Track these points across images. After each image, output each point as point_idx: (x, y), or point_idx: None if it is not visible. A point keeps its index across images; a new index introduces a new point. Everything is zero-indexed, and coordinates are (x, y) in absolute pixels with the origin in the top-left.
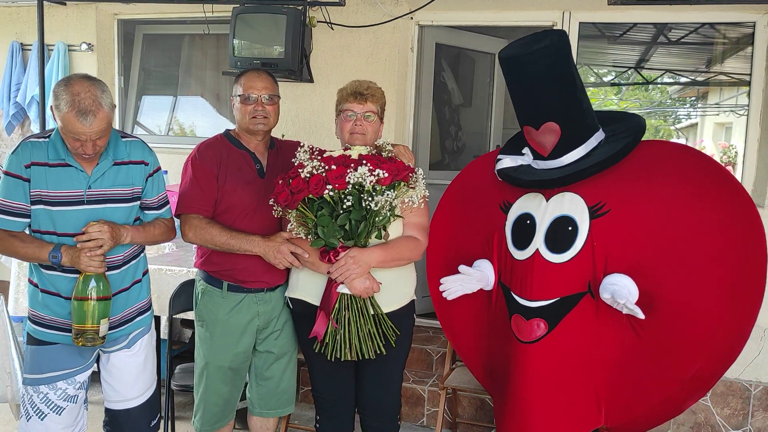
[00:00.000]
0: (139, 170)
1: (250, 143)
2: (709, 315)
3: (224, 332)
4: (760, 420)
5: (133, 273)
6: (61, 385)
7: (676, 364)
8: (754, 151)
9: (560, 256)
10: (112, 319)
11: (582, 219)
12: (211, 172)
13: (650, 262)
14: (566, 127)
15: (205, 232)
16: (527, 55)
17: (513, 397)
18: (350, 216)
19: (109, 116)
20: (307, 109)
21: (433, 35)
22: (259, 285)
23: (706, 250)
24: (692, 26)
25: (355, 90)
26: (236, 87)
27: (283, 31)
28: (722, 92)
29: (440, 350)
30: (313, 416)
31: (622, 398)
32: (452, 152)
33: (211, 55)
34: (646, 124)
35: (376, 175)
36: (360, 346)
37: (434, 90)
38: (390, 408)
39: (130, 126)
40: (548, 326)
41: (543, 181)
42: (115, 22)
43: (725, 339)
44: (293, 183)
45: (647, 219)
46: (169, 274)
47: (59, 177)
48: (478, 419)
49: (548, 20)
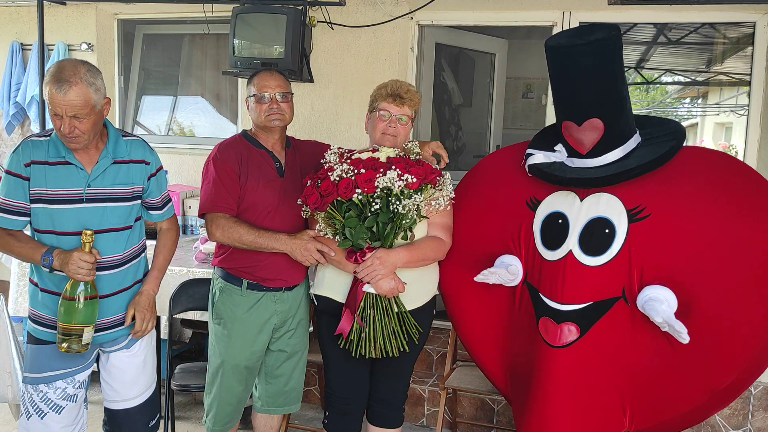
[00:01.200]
0: (140, 169)
1: (267, 142)
2: (747, 328)
3: (242, 330)
4: (760, 420)
5: (135, 273)
6: (61, 384)
7: (710, 375)
8: (755, 152)
9: (595, 259)
10: (113, 318)
11: (620, 222)
12: (233, 171)
13: (688, 271)
14: (610, 126)
15: (233, 231)
16: (580, 46)
17: (537, 402)
18: (378, 218)
19: (88, 94)
20: (307, 109)
21: (433, 35)
22: (278, 284)
23: (746, 263)
24: (692, 26)
25: (394, 91)
26: (250, 88)
27: (283, 31)
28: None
29: (440, 350)
30: (313, 416)
31: (648, 405)
32: (452, 152)
33: (211, 55)
34: (683, 130)
35: (404, 180)
36: (384, 343)
37: (434, 90)
38: (399, 398)
39: (130, 126)
40: (580, 331)
41: (583, 179)
42: (115, 22)
43: (760, 353)
44: (322, 185)
45: (688, 226)
46: (169, 274)
47: (59, 175)
48: (478, 419)
49: (548, 20)
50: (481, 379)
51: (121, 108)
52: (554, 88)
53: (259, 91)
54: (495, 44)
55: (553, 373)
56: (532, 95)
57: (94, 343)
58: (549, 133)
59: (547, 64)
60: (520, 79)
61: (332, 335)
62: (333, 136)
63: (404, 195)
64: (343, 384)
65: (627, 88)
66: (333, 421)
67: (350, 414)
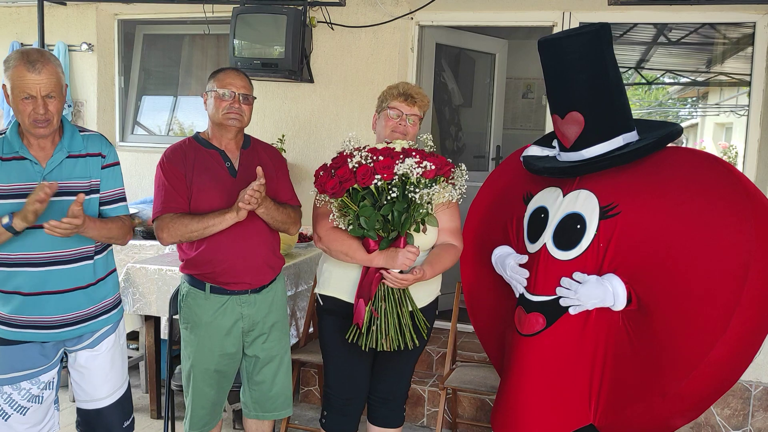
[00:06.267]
0: (96, 162)
1: (221, 141)
2: (701, 333)
3: (209, 335)
4: (760, 420)
5: (93, 271)
6: (25, 385)
7: (661, 376)
8: (755, 152)
9: (565, 254)
10: (73, 314)
11: (591, 218)
12: (179, 171)
13: (649, 270)
14: (590, 120)
15: (178, 224)
16: (566, 39)
17: (507, 388)
18: (394, 207)
19: (58, 74)
20: (307, 109)
21: (433, 35)
22: (242, 287)
23: (707, 269)
24: (692, 26)
25: (406, 91)
26: (211, 83)
27: (284, 31)
28: (722, 92)
29: (440, 350)
30: (313, 416)
31: (610, 398)
32: (452, 152)
33: (211, 55)
34: (680, 132)
35: (423, 166)
36: (396, 336)
37: (434, 90)
38: (400, 397)
39: (130, 126)
40: (546, 322)
41: (552, 168)
42: (115, 22)
43: (718, 362)
44: (339, 172)
45: (653, 227)
46: (169, 274)
47: (12, 170)
48: (478, 419)
49: (548, 20)
50: (481, 379)
51: (122, 108)
52: (546, 82)
53: (223, 87)
54: (495, 44)
55: (521, 360)
56: (532, 95)
57: (57, 340)
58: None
59: (540, 59)
60: (520, 80)
61: (335, 335)
62: (333, 136)
63: (421, 184)
64: (344, 385)
65: (619, 86)
66: (331, 421)
67: (348, 415)
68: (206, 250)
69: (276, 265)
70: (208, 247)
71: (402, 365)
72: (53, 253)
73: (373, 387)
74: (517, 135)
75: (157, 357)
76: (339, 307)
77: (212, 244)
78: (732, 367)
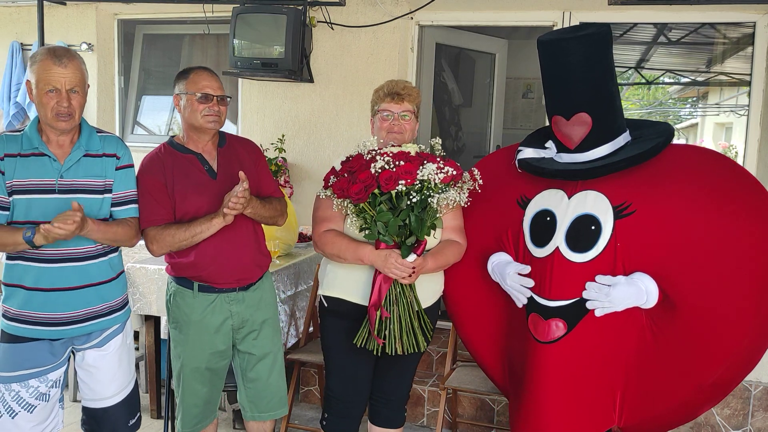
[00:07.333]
0: (111, 163)
1: (198, 144)
2: (733, 323)
3: (198, 333)
4: (760, 420)
5: (105, 270)
6: (33, 383)
7: (696, 369)
8: (755, 152)
9: (581, 256)
10: (83, 311)
11: (606, 218)
12: (159, 182)
13: (673, 266)
14: (598, 121)
15: (166, 235)
16: (568, 41)
17: (528, 398)
18: (412, 212)
19: (83, 71)
20: (307, 109)
21: (433, 35)
22: (229, 285)
23: (732, 258)
24: (692, 26)
25: (391, 90)
26: (186, 84)
27: (284, 31)
28: (722, 92)
29: (440, 350)
30: (313, 416)
31: (637, 399)
32: (452, 152)
33: (211, 55)
34: (674, 129)
35: (445, 172)
36: (408, 339)
37: (434, 90)
38: (402, 397)
39: (130, 126)
40: (567, 326)
41: (568, 171)
42: (115, 22)
43: (747, 347)
44: (361, 176)
45: (673, 222)
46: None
47: (31, 166)
48: (478, 419)
49: (548, 20)
50: (481, 379)
51: (121, 108)
52: (545, 83)
53: (201, 90)
54: (495, 44)
55: (542, 369)
56: (532, 95)
57: (67, 338)
58: (541, 133)
59: (539, 60)
60: (520, 79)
61: (339, 337)
62: (333, 136)
63: (437, 188)
64: (346, 388)
65: (617, 86)
66: (332, 423)
67: (349, 417)
68: (192, 254)
69: (263, 263)
70: (194, 251)
71: (405, 366)
72: (66, 250)
73: (376, 387)
74: (517, 135)
75: (157, 357)
76: (346, 309)
77: (199, 249)
78: (760, 350)
